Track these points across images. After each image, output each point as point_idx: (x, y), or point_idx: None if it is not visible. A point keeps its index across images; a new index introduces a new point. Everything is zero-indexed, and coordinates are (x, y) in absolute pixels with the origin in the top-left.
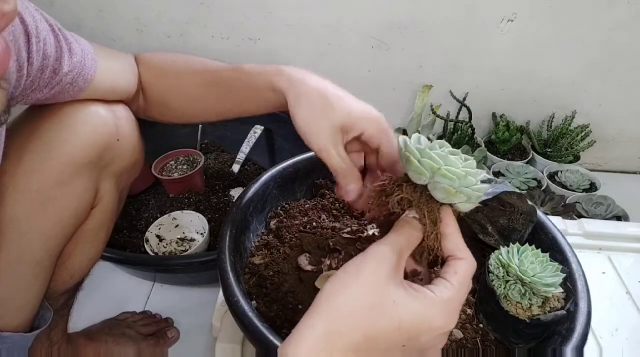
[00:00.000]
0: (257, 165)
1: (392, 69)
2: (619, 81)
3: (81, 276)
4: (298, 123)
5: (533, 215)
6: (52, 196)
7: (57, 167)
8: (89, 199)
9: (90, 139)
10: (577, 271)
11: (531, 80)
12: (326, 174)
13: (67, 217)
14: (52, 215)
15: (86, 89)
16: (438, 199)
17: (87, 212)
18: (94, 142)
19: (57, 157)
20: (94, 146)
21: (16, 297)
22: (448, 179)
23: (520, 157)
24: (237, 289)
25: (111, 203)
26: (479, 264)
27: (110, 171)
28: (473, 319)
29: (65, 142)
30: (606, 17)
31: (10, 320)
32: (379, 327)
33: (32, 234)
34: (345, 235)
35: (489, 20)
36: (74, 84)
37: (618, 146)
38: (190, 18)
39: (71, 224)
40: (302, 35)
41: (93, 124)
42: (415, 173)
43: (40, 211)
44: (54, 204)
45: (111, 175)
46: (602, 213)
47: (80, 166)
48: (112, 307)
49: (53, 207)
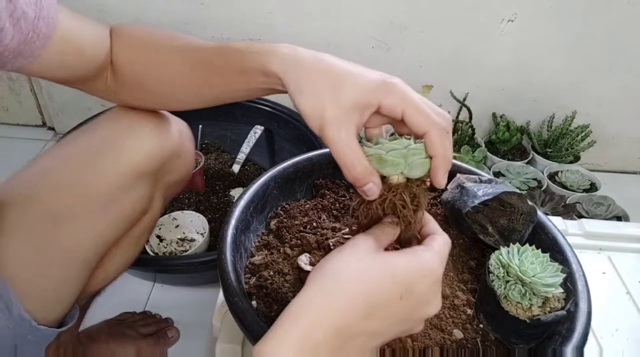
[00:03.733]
0: (257, 165)
1: (392, 69)
2: (619, 81)
3: (113, 279)
4: (303, 112)
5: (533, 215)
6: (114, 199)
7: (123, 173)
8: (144, 205)
9: (157, 150)
10: (577, 271)
11: (531, 80)
12: (326, 173)
13: (122, 220)
14: (110, 217)
15: (51, 38)
16: (416, 175)
17: (138, 218)
18: (159, 154)
19: (124, 164)
20: (159, 158)
21: (59, 291)
22: (418, 155)
23: (520, 157)
24: (237, 289)
25: (158, 212)
26: (479, 264)
27: (164, 182)
28: (473, 319)
29: (134, 151)
30: (606, 17)
31: (47, 313)
32: (374, 283)
33: (88, 232)
34: (345, 235)
35: (489, 20)
36: (36, 30)
37: (618, 146)
38: (190, 18)
39: (123, 228)
40: (302, 35)
41: (161, 137)
42: (392, 165)
43: (100, 212)
44: (114, 206)
45: (164, 185)
46: (602, 213)
47: (143, 175)
48: (112, 307)
49: (112, 210)
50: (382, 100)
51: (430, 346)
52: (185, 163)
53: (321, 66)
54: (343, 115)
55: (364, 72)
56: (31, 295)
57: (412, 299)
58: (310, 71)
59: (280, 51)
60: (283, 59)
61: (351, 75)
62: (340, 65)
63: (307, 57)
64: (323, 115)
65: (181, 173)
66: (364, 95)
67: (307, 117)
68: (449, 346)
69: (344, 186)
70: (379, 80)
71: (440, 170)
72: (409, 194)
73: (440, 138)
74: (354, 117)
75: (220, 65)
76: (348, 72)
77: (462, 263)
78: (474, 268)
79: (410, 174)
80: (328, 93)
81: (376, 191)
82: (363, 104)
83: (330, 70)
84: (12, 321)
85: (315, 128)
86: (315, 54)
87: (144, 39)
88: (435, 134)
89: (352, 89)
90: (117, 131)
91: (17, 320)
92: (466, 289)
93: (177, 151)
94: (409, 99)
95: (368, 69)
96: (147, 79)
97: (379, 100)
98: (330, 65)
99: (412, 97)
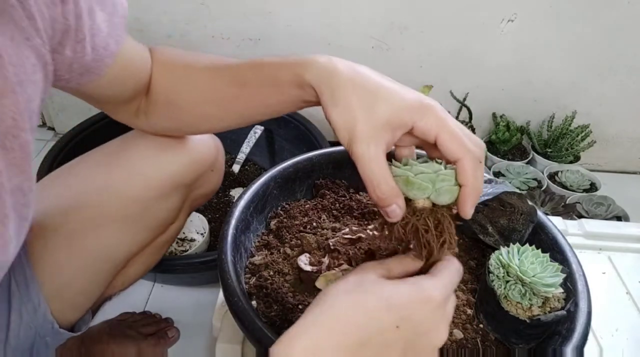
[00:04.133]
0: (257, 165)
1: (392, 69)
2: (619, 81)
3: (130, 285)
4: (334, 125)
5: (533, 215)
6: (150, 206)
7: (162, 182)
8: (174, 215)
9: (196, 163)
10: (577, 271)
11: (531, 80)
12: (326, 173)
13: (153, 227)
14: (143, 223)
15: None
16: (443, 202)
17: (167, 227)
18: (197, 167)
19: (165, 174)
20: (196, 171)
21: (83, 295)
22: (447, 181)
23: (520, 157)
24: (237, 289)
25: (183, 222)
26: (479, 264)
27: (195, 194)
28: (473, 319)
29: (175, 162)
30: (606, 17)
31: (70, 316)
32: (368, 310)
33: (121, 236)
34: (345, 235)
35: (489, 20)
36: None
37: (618, 146)
38: (190, 18)
39: (152, 236)
40: (302, 35)
41: (201, 151)
42: (419, 189)
43: (135, 217)
44: (149, 213)
45: (194, 197)
46: (602, 213)
47: (179, 185)
48: (112, 307)
49: (147, 216)
50: (417, 122)
51: None
52: (217, 177)
53: (357, 79)
54: (374, 131)
55: (400, 90)
56: (58, 298)
57: (409, 328)
58: (345, 84)
59: (316, 62)
60: (318, 69)
61: (387, 92)
62: (377, 81)
63: (343, 69)
64: (353, 130)
65: (211, 187)
66: (398, 115)
67: (337, 130)
68: (449, 346)
69: (344, 186)
70: (415, 100)
71: (469, 201)
72: (433, 220)
73: (473, 168)
74: (384, 135)
75: (252, 78)
76: (384, 89)
77: (462, 263)
78: (474, 268)
79: (437, 200)
80: (361, 108)
81: (399, 213)
82: (396, 123)
83: (366, 84)
84: (36, 321)
85: (344, 142)
86: (352, 66)
87: (175, 57)
88: (468, 163)
89: (386, 106)
90: (159, 141)
91: (41, 321)
92: (466, 289)
93: (213, 165)
94: (444, 124)
95: (405, 87)
96: (178, 95)
97: (413, 121)
98: (366, 80)
99: (448, 122)
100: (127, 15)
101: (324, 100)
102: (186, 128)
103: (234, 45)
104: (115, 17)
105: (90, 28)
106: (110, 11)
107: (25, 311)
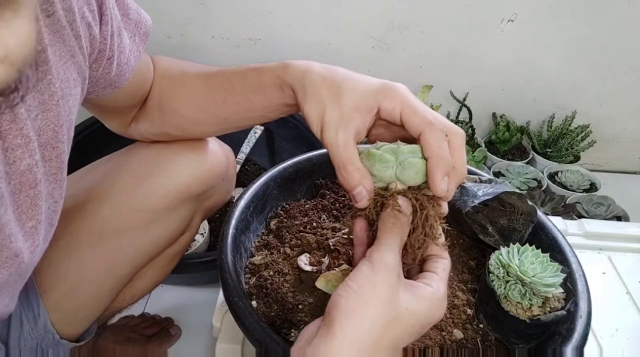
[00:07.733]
0: (257, 165)
1: (392, 69)
2: (619, 81)
3: (139, 299)
4: (307, 118)
5: (533, 215)
6: (159, 218)
7: (172, 194)
8: (184, 226)
9: (206, 175)
10: (577, 271)
11: (531, 80)
12: (326, 173)
13: (163, 239)
14: (152, 235)
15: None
16: (411, 179)
17: (176, 238)
18: (207, 178)
19: (174, 185)
20: (206, 182)
21: (87, 307)
22: (411, 154)
23: (520, 157)
24: (237, 289)
25: (194, 233)
26: (479, 264)
27: (206, 205)
28: (473, 319)
29: (185, 173)
30: (606, 17)
31: (73, 328)
32: (398, 335)
33: (129, 249)
34: (345, 235)
35: (489, 20)
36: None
37: (618, 146)
38: (190, 18)
39: (162, 246)
40: (302, 35)
41: (212, 162)
42: (382, 161)
43: (144, 229)
44: (158, 225)
45: (204, 208)
46: (602, 213)
47: (189, 196)
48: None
49: (156, 228)
50: (382, 102)
51: (430, 345)
52: (228, 187)
53: (327, 75)
54: (341, 118)
55: (366, 79)
56: (59, 308)
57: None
58: (317, 80)
59: (294, 64)
60: (295, 70)
61: (353, 81)
62: (345, 74)
63: (317, 69)
64: (322, 119)
65: (222, 196)
66: (364, 99)
67: (310, 123)
68: (449, 346)
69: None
70: (379, 84)
71: (436, 173)
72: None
73: (435, 138)
74: (353, 121)
75: (238, 83)
76: (351, 79)
77: (462, 263)
78: (474, 268)
79: (403, 175)
80: (329, 98)
81: (365, 195)
82: (363, 108)
83: (334, 78)
84: (37, 331)
85: (316, 132)
86: (326, 67)
87: (172, 63)
88: (429, 134)
89: (352, 93)
90: (169, 152)
91: (41, 331)
92: (466, 289)
93: (224, 175)
94: (406, 100)
95: (373, 78)
96: (174, 99)
97: (378, 103)
98: (335, 74)
99: (410, 99)
100: (149, 33)
101: (299, 98)
102: (174, 131)
103: (234, 45)
104: (137, 36)
105: (119, 46)
106: (133, 29)
107: (26, 319)
